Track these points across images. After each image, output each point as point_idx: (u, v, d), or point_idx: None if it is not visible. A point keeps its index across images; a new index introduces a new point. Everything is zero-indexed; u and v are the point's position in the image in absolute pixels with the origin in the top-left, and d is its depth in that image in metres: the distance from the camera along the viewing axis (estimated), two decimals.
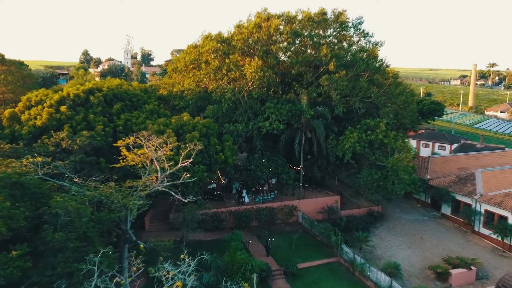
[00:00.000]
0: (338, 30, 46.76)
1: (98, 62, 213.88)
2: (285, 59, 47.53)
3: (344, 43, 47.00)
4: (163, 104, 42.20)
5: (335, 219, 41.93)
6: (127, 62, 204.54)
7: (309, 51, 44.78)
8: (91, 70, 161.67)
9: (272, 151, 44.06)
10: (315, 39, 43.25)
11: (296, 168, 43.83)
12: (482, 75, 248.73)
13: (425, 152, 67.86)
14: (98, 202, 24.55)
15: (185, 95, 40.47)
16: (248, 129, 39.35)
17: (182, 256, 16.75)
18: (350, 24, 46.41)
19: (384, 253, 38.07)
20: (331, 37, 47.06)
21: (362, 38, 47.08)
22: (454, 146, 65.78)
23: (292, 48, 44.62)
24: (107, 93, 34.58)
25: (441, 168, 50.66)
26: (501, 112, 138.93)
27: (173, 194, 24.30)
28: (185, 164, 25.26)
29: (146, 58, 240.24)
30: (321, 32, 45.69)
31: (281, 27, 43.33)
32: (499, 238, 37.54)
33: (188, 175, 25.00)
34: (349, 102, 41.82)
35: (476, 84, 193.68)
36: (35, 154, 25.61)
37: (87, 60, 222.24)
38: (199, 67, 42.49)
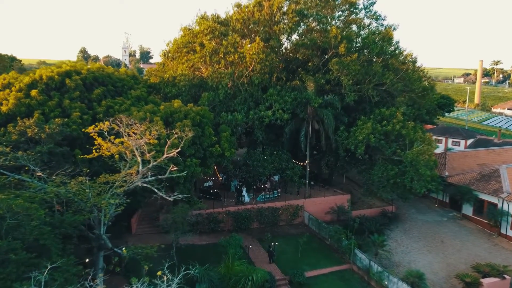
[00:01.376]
0: (347, 12, 42.40)
1: (95, 60, 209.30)
2: (288, 45, 43.22)
3: (354, 27, 42.52)
4: (155, 94, 37.82)
5: (345, 220, 37.62)
6: (125, 59, 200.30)
7: (315, 35, 40.31)
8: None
9: (274, 144, 39.65)
10: (322, 20, 38.77)
11: (302, 164, 39.42)
12: (486, 73, 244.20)
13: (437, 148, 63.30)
14: (69, 202, 20.24)
15: (178, 81, 36.00)
16: (248, 119, 34.92)
17: (159, 273, 12.35)
18: (360, 6, 42.03)
19: (402, 259, 33.78)
20: (339, 22, 42.68)
21: (373, 21, 42.65)
22: (469, 141, 61.36)
23: (297, 31, 40.20)
24: (87, 76, 30.17)
25: (460, 164, 46.24)
26: (508, 109, 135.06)
27: (156, 191, 19.83)
28: (171, 154, 20.85)
29: (145, 56, 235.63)
30: (328, 13, 41.27)
31: (285, 7, 38.85)
32: None
33: (175, 169, 20.58)
34: (361, 90, 37.35)
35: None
36: None
37: (85, 57, 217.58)
38: (193, 51, 38.02)
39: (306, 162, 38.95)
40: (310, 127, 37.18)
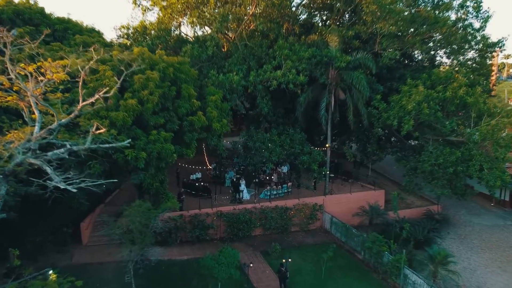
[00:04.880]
0: None
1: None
2: None
3: None
4: None
5: (380, 224, 27.66)
6: None
7: None
8: None
9: (283, 123, 29.56)
10: None
11: (321, 149, 29.30)
12: None
13: None
14: None
15: (149, 32, 25.83)
16: (248, 83, 24.77)
17: None
18: None
19: (468, 281, 23.75)
20: None
21: None
22: None
23: None
24: (4, 9, 20.00)
25: None
26: None
27: (48, 171, 9.69)
28: (89, 102, 10.69)
29: None
30: None
31: None
32: None
33: (103, 130, 10.46)
34: (403, 47, 27.14)
35: None
36: None
37: None
38: None
39: (327, 146, 28.78)
40: (333, 97, 27.04)
